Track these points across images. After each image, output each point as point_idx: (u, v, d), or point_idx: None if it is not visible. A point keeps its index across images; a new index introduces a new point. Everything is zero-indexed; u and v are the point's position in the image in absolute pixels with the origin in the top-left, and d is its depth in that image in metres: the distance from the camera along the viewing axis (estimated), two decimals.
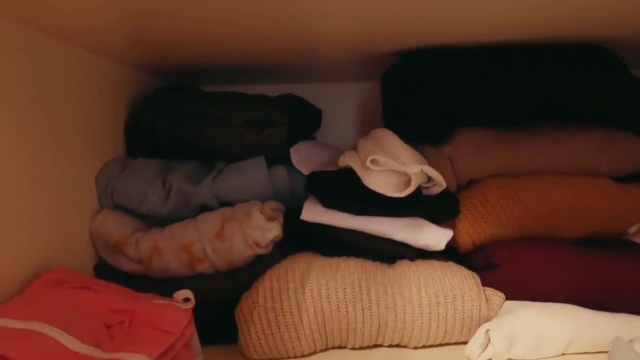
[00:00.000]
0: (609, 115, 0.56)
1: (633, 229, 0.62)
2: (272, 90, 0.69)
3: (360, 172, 0.52)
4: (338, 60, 0.67)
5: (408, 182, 0.51)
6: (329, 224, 0.55)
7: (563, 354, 0.50)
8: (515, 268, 0.53)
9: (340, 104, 0.83)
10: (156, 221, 0.59)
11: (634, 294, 0.54)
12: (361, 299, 0.50)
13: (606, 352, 0.49)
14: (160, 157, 0.63)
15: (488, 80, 0.56)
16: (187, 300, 0.44)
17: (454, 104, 0.55)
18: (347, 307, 0.50)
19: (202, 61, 0.65)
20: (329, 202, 0.55)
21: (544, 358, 0.49)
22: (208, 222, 0.55)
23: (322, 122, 0.82)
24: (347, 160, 0.54)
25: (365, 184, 0.51)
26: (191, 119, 0.60)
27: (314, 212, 0.55)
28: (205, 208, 0.58)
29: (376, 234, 0.54)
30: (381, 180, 0.52)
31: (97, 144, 0.58)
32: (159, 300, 0.43)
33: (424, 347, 0.53)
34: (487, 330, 0.49)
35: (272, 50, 0.59)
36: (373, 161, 0.51)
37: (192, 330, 0.45)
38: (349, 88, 0.83)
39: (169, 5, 0.41)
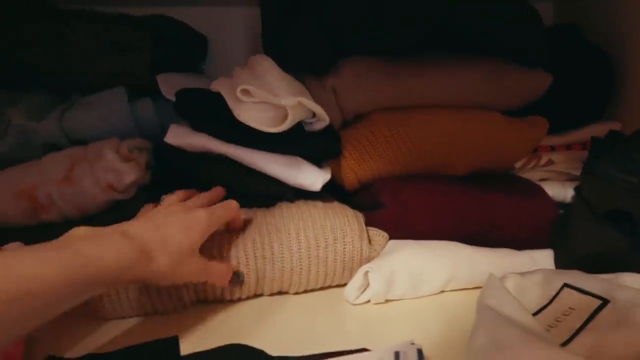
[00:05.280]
0: (499, 43, 0.53)
1: (519, 163, 0.62)
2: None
3: (231, 102, 0.46)
4: None
5: (285, 116, 0.46)
6: (199, 150, 0.49)
7: (442, 292, 0.49)
8: (399, 206, 0.51)
9: (229, 31, 0.74)
10: None
11: (515, 229, 0.54)
12: (237, 255, 0.46)
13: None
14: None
15: (376, 1, 0.50)
16: None
17: (338, 28, 0.50)
18: None
19: None
20: (199, 124, 0.49)
21: (422, 297, 0.48)
22: (54, 164, 0.47)
23: (210, 53, 0.74)
24: (218, 87, 0.48)
25: (236, 116, 0.45)
26: (32, 40, 0.50)
27: (180, 135, 0.49)
28: (53, 148, 0.50)
29: (248, 165, 0.49)
30: (254, 112, 0.46)
31: None
32: None
33: (305, 292, 0.50)
34: (366, 272, 0.47)
35: None
36: (244, 91, 0.45)
37: None
38: (239, 14, 0.74)
39: None
